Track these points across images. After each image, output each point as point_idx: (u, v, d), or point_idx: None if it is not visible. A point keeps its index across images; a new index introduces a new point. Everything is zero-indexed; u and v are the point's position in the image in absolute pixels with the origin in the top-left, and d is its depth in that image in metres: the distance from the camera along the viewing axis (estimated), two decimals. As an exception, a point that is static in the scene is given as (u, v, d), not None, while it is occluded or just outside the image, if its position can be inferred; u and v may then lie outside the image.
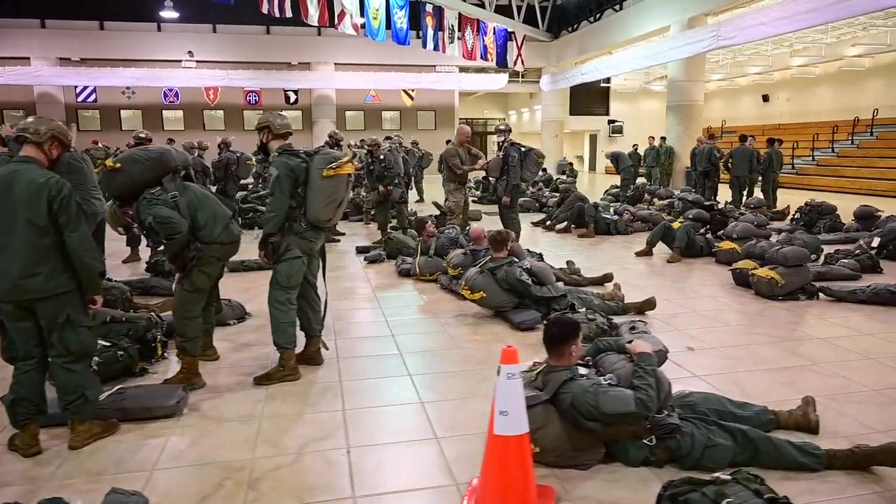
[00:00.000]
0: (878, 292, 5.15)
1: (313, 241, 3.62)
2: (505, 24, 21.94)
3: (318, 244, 3.70)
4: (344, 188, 3.58)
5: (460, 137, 7.42)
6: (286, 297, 3.56)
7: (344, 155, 3.64)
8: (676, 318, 4.84)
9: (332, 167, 3.46)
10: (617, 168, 13.08)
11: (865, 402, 3.26)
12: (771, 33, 12.88)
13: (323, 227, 3.66)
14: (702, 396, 2.92)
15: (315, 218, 3.52)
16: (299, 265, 3.57)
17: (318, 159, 3.50)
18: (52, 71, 21.26)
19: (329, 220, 3.60)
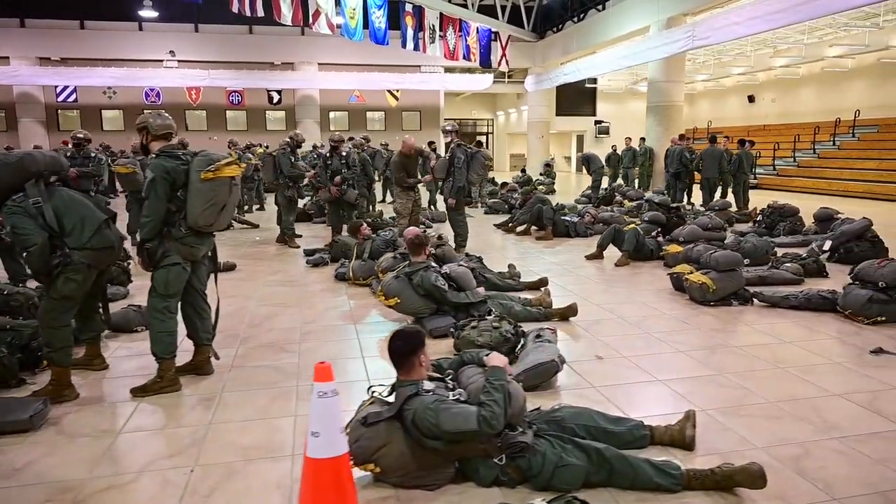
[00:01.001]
0: (810, 297, 5.02)
1: (195, 246, 3.48)
2: (488, 25, 21.81)
3: (201, 250, 3.57)
4: (226, 192, 3.44)
5: (404, 149, 7.28)
6: (164, 306, 3.43)
7: (226, 156, 3.50)
8: (599, 324, 4.71)
9: (211, 170, 3.33)
10: (588, 169, 12.95)
11: (756, 415, 3.13)
12: (744, 33, 12.76)
13: (205, 233, 3.53)
14: (572, 411, 2.79)
15: (195, 223, 3.39)
16: (178, 272, 3.43)
17: (197, 161, 3.37)
18: (31, 71, 21.16)
19: (210, 226, 3.46)
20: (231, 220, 3.72)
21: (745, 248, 6.80)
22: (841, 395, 3.36)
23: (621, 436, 2.75)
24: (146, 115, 3.55)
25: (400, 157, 7.29)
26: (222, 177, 3.37)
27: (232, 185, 3.46)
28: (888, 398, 3.32)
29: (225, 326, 4.71)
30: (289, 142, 8.36)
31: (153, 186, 3.29)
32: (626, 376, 3.66)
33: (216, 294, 3.77)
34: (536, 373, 3.40)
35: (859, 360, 3.89)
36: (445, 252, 5.65)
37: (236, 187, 3.53)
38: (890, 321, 4.59)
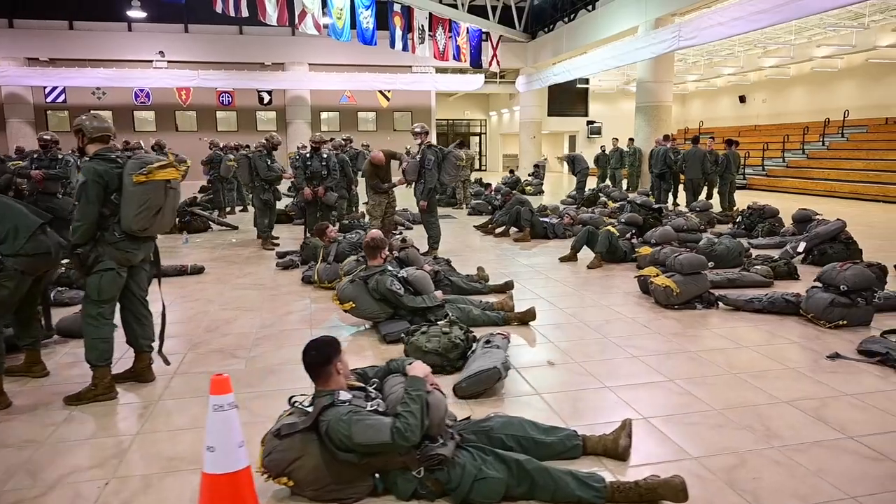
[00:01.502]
0: (775, 301, 4.96)
1: (130, 251, 3.40)
2: (479, 25, 21.76)
3: (138, 255, 3.48)
4: (161, 195, 3.35)
5: (374, 161, 7.20)
6: (98, 312, 3.36)
7: (162, 159, 3.42)
8: (559, 328, 4.64)
9: (143, 172, 3.26)
10: (573, 170, 12.89)
11: (699, 423, 3.06)
12: (728, 33, 12.69)
13: (142, 238, 3.45)
14: (502, 421, 2.72)
15: (128, 227, 3.31)
16: (112, 277, 3.36)
17: (129, 164, 3.30)
18: (20, 71, 21.06)
19: (145, 230, 3.37)
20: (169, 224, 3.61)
21: (717, 250, 6.76)
22: (789, 402, 3.30)
23: (552, 446, 2.69)
24: (82, 118, 3.47)
25: (370, 166, 7.22)
26: (155, 180, 3.29)
27: (168, 189, 3.38)
28: (836, 406, 3.26)
29: (180, 331, 4.67)
30: (265, 143, 8.28)
31: (84, 190, 3.22)
32: (575, 383, 3.60)
33: (161, 299, 3.69)
34: (478, 380, 3.34)
35: (815, 366, 3.83)
36: (409, 255, 5.57)
37: (174, 191, 3.45)
38: (851, 325, 4.53)
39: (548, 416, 3.13)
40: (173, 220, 3.64)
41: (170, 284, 6.19)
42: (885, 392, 3.41)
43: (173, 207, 3.51)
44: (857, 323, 4.56)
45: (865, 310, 4.60)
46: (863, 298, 4.58)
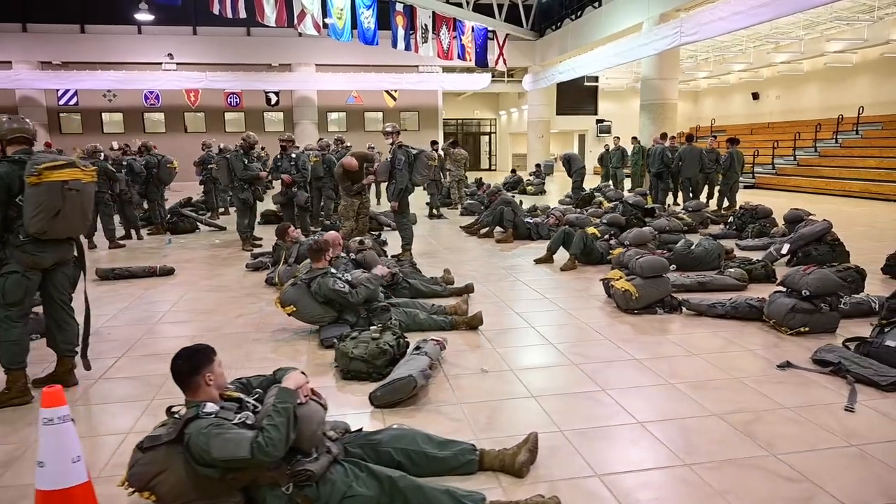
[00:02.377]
0: (738, 306, 4.75)
1: (37, 255, 3.31)
2: (484, 24, 21.58)
3: (46, 259, 3.37)
4: (58, 197, 3.20)
5: (346, 166, 7.10)
6: (5, 315, 3.28)
7: (60, 159, 3.32)
8: (506, 334, 4.50)
9: (33, 173, 3.16)
10: (569, 171, 12.67)
11: (617, 436, 2.91)
12: (728, 28, 12.38)
13: (52, 240, 3.36)
14: (393, 434, 2.60)
15: (28, 229, 3.23)
16: (16, 281, 3.28)
17: (27, 165, 3.20)
18: (33, 75, 21.43)
19: (44, 233, 3.25)
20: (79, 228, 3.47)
21: (695, 252, 6.56)
22: (721, 414, 3.12)
23: (445, 460, 2.56)
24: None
25: (342, 170, 7.12)
26: (49, 181, 3.19)
27: (66, 191, 3.25)
28: (770, 420, 3.07)
29: (123, 334, 4.63)
30: (241, 143, 8.25)
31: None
32: (501, 392, 3.46)
33: (85, 301, 3.63)
34: (392, 388, 3.22)
35: (762, 376, 3.63)
36: (366, 257, 5.47)
37: (77, 192, 3.29)
38: (814, 332, 4.32)
39: (457, 428, 3.01)
40: (84, 223, 3.49)
41: (133, 286, 6.21)
42: (826, 405, 3.22)
43: (82, 210, 3.39)
44: (820, 330, 4.34)
45: (830, 316, 4.38)
46: (827, 304, 4.36)
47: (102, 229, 8.53)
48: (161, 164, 9.69)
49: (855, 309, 4.73)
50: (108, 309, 5.37)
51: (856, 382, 3.49)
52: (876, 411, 3.14)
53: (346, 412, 3.20)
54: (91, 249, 8.44)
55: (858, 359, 3.66)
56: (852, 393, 3.35)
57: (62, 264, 3.52)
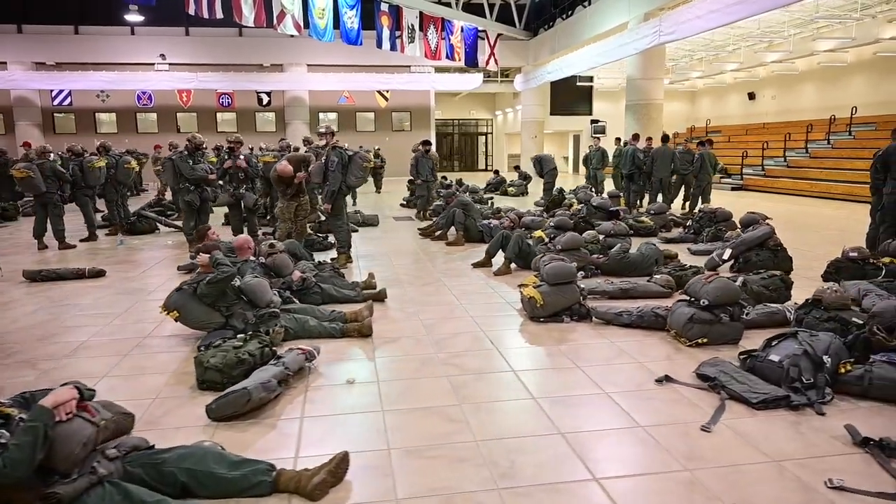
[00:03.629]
0: (643, 315, 4.57)
1: None
2: (474, 23, 21.42)
3: None
4: None
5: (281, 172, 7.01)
6: None
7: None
8: (393, 343, 4.35)
9: None
10: (540, 172, 12.47)
11: (444, 456, 2.75)
12: (705, 27, 12.13)
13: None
14: (182, 453, 2.46)
15: None
16: None
17: None
18: (27, 75, 21.62)
19: None
20: None
21: (630, 257, 6.38)
22: (566, 432, 2.96)
23: (234, 482, 2.43)
24: None
25: (276, 174, 7.02)
26: None
27: None
28: (613, 440, 2.91)
29: (9, 338, 4.54)
30: (187, 144, 8.17)
31: None
32: (352, 406, 3.31)
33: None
34: (226, 401, 3.09)
35: (637, 391, 3.46)
36: (276, 261, 5.35)
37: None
38: (714, 343, 4.13)
39: (282, 444, 2.87)
40: None
41: (57, 288, 6.14)
42: (685, 425, 3.04)
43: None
44: (721, 341, 4.15)
45: (731, 327, 4.18)
46: (727, 314, 4.16)
47: (52, 230, 8.50)
48: (118, 165, 9.65)
49: (768, 319, 4.53)
50: (16, 312, 5.30)
51: (728, 399, 3.30)
52: (734, 431, 2.96)
53: (186, 424, 3.08)
54: (41, 250, 8.42)
55: (739, 374, 3.48)
56: (718, 411, 3.17)
57: None
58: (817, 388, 3.29)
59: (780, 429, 2.99)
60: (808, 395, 3.24)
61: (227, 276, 4.22)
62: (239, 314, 4.35)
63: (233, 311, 4.35)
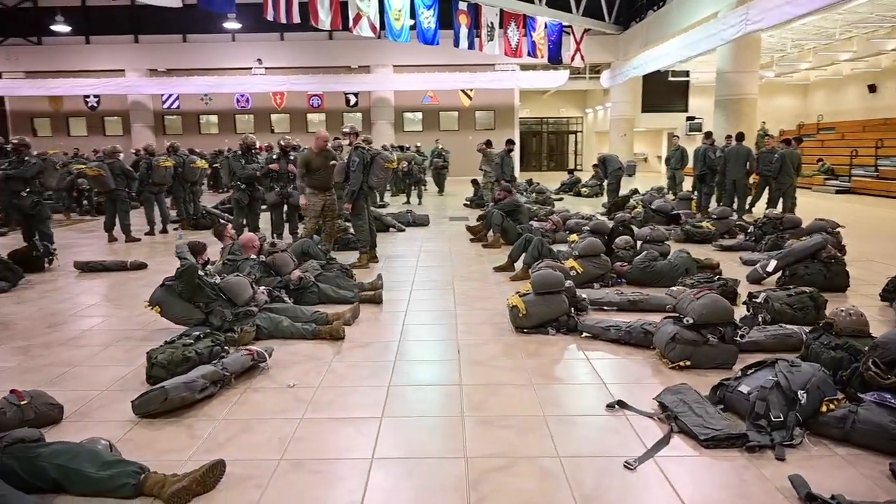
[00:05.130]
0: (632, 331, 4.16)
1: None
2: (559, 19, 20.81)
3: None
4: None
5: (318, 143, 7.07)
6: None
7: None
8: (364, 348, 4.24)
9: None
10: (605, 173, 11.85)
11: (327, 472, 2.62)
12: (795, 13, 11.00)
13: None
14: (56, 449, 2.50)
15: None
16: None
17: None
18: (142, 81, 23.65)
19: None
20: None
21: (656, 266, 5.89)
22: (472, 457, 2.72)
23: (101, 481, 2.44)
24: None
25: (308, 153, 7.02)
26: None
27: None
28: (511, 469, 2.63)
29: (24, 326, 4.91)
30: (240, 144, 8.52)
31: None
32: (275, 410, 3.25)
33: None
34: (146, 399, 3.14)
35: (577, 416, 3.14)
36: (276, 260, 5.43)
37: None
38: (700, 367, 3.68)
39: (190, 444, 2.86)
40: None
41: (96, 279, 6.60)
42: (611, 459, 2.70)
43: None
44: (709, 365, 3.69)
45: (721, 349, 3.70)
46: (716, 335, 3.69)
47: (119, 224, 9.19)
48: (185, 165, 10.27)
49: (779, 342, 3.99)
50: (48, 300, 5.76)
51: (679, 433, 2.92)
52: (661, 472, 2.60)
53: (112, 419, 3.17)
54: (110, 242, 9.14)
55: (700, 405, 3.06)
56: (656, 446, 2.80)
57: None
58: (787, 427, 2.82)
59: (719, 473, 2.59)
60: (771, 436, 2.79)
61: (185, 269, 4.32)
62: (218, 311, 4.44)
63: (212, 309, 4.45)
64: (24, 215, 7.60)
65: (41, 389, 3.26)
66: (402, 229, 9.96)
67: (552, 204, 13.05)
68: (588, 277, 5.84)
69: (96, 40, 23.68)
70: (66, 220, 11.97)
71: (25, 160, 7.27)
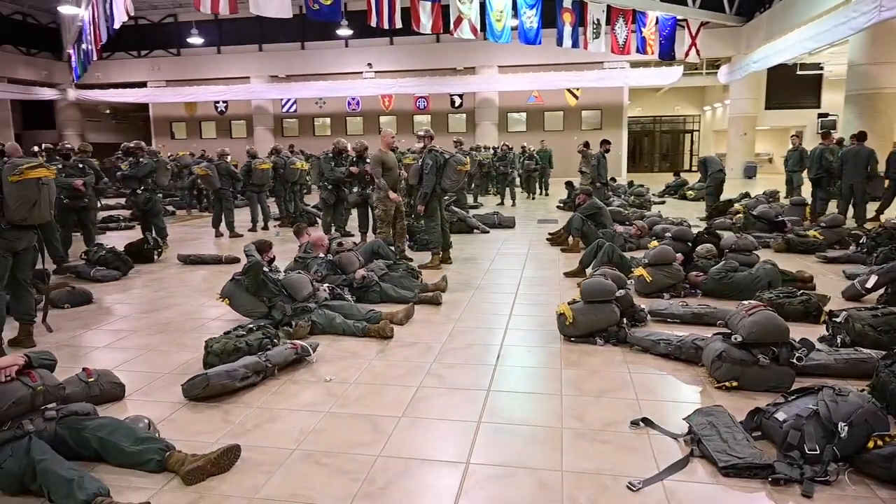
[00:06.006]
0: (683, 346, 3.93)
1: (13, 240, 4.18)
2: (673, 13, 19.82)
3: (20, 243, 4.24)
4: (35, 191, 4.07)
5: (385, 141, 7.29)
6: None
7: (33, 161, 4.16)
8: (409, 347, 4.34)
9: (16, 173, 4.01)
10: (704, 175, 11.15)
11: (326, 464, 2.74)
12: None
13: (24, 228, 4.21)
14: (100, 423, 2.81)
15: (11, 218, 4.10)
16: None
17: (6, 167, 4.05)
18: (264, 87, 25.46)
19: (24, 220, 4.12)
20: (46, 215, 4.26)
21: (735, 277, 5.50)
22: (471, 462, 2.73)
23: (131, 455, 2.72)
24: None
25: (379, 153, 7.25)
26: (28, 178, 4.04)
27: (40, 185, 4.10)
28: (509, 479, 2.60)
29: (122, 310, 5.50)
30: (333, 148, 8.97)
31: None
32: (302, 403, 3.42)
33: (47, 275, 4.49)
34: (192, 384, 3.43)
35: (597, 431, 3.03)
36: (342, 259, 5.68)
37: (46, 187, 4.17)
38: (749, 389, 3.41)
39: (216, 428, 3.11)
40: (49, 211, 4.32)
41: (193, 270, 7.25)
42: (608, 477, 2.60)
43: (48, 201, 4.23)
44: (760, 388, 3.41)
45: (774, 371, 3.41)
46: (768, 355, 3.40)
47: (224, 221, 9.99)
48: (286, 166, 10.96)
49: (851, 367, 3.61)
50: (149, 288, 6.41)
51: (701, 457, 2.74)
52: (667, 497, 2.46)
53: (164, 400, 3.50)
54: (217, 237, 9.98)
55: (730, 430, 2.85)
56: (670, 468, 2.65)
57: (26, 250, 4.38)
58: (822, 462, 2.56)
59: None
60: (802, 469, 2.55)
61: (251, 265, 4.64)
62: (279, 306, 4.74)
63: (274, 303, 4.76)
64: (141, 211, 8.50)
65: (108, 369, 3.66)
66: (486, 231, 9.99)
67: (649, 207, 12.52)
68: (657, 287, 5.57)
69: (226, 50, 25.79)
70: (186, 216, 13.20)
71: (140, 161, 8.13)
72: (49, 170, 4.24)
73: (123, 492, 2.55)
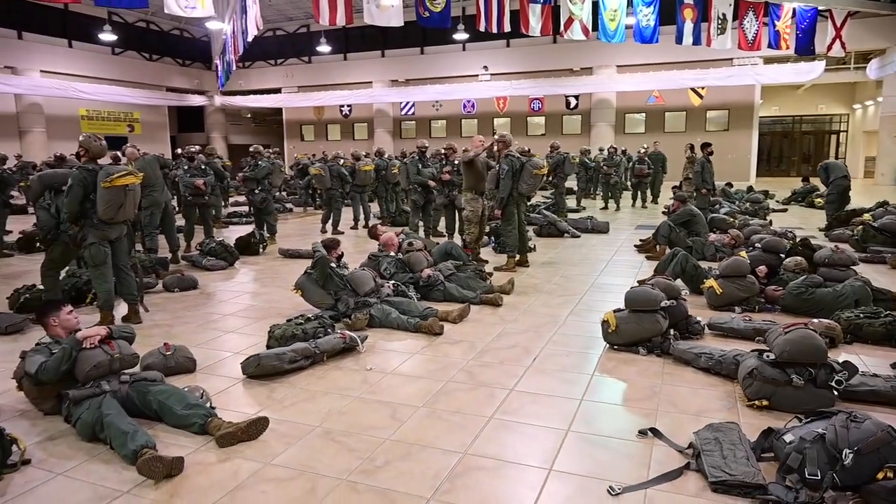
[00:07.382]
0: (724, 360, 3.79)
1: (106, 230, 4.92)
2: (813, 3, 18.19)
3: (113, 233, 4.96)
4: (121, 195, 4.76)
5: (475, 145, 7.47)
6: (98, 273, 4.93)
7: (123, 169, 4.87)
8: (454, 345, 4.54)
9: (108, 180, 4.75)
10: (826, 182, 10.21)
11: (340, 442, 3.03)
12: None
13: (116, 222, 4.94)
14: (162, 388, 3.30)
15: (101, 216, 4.85)
16: (97, 249, 4.93)
17: (100, 174, 4.80)
18: (385, 91, 26.70)
19: (112, 219, 4.84)
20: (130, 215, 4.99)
21: (817, 294, 5.14)
22: (468, 453, 2.90)
23: (181, 417, 3.19)
24: (89, 139, 5.03)
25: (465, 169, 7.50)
26: (117, 185, 4.76)
27: (126, 191, 4.81)
28: (498, 472, 2.74)
29: (218, 297, 6.20)
30: (417, 150, 9.37)
31: (70, 191, 4.84)
32: (334, 386, 3.74)
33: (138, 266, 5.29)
34: (247, 362, 3.89)
35: (602, 437, 3.06)
36: (411, 258, 6.00)
37: (132, 192, 4.87)
38: (781, 410, 3.25)
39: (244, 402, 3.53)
40: (133, 212, 5.04)
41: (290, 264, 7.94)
42: (594, 480, 2.66)
43: (133, 203, 4.95)
44: (794, 409, 3.21)
45: (812, 394, 3.22)
46: (803, 376, 3.22)
47: (332, 219, 10.75)
48: (387, 168, 11.55)
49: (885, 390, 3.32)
50: (254, 279, 7.15)
51: (697, 471, 2.72)
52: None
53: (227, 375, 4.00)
54: (323, 234, 10.77)
55: (734, 447, 2.78)
56: (658, 478, 2.66)
57: (120, 239, 5.10)
58: (821, 488, 2.45)
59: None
60: (797, 494, 2.45)
61: (318, 260, 5.09)
62: (344, 299, 5.16)
63: (339, 296, 5.18)
64: (256, 209, 9.41)
65: (185, 345, 4.23)
66: (577, 235, 9.92)
67: (763, 216, 11.70)
68: (728, 300, 5.33)
69: (352, 57, 27.35)
70: (302, 213, 14.29)
71: (259, 164, 9.02)
72: (136, 176, 4.91)
73: (170, 447, 3.00)
